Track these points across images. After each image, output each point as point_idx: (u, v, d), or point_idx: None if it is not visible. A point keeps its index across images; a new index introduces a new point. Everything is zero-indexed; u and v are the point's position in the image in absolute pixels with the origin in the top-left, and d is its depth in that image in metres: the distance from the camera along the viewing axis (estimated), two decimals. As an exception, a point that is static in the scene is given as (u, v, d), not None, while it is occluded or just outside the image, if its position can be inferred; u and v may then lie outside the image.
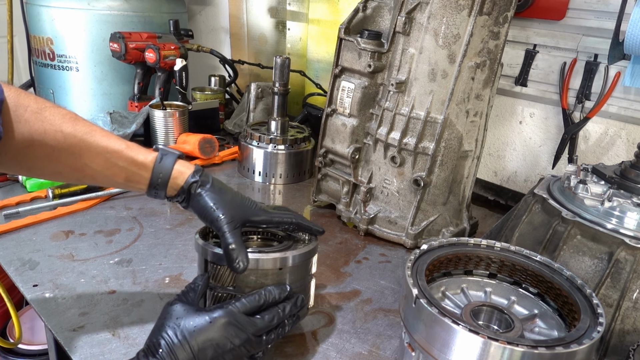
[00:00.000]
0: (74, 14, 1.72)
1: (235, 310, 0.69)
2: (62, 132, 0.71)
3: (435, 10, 1.03)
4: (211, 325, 0.67)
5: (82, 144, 0.73)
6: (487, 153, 1.53)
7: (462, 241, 0.83)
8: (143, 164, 0.76)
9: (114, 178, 0.77)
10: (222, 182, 0.80)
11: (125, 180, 0.77)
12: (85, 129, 0.73)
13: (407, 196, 1.18)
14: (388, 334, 0.90)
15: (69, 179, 0.78)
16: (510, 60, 1.38)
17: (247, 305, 0.71)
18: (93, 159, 0.74)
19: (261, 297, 0.73)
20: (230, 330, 0.68)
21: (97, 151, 0.74)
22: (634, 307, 0.77)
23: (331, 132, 1.26)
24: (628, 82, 1.18)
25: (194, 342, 0.66)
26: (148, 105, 1.65)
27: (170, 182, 0.77)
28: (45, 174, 0.76)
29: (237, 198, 0.79)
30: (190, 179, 0.77)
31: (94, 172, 0.75)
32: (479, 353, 0.61)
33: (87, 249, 1.09)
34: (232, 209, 0.76)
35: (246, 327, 0.69)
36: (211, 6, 2.36)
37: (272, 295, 0.74)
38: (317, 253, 0.86)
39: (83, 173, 0.75)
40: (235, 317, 0.69)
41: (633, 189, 0.87)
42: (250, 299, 0.72)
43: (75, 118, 0.74)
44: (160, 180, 0.77)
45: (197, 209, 0.78)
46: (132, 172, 0.76)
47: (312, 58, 2.03)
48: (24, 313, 1.74)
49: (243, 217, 0.77)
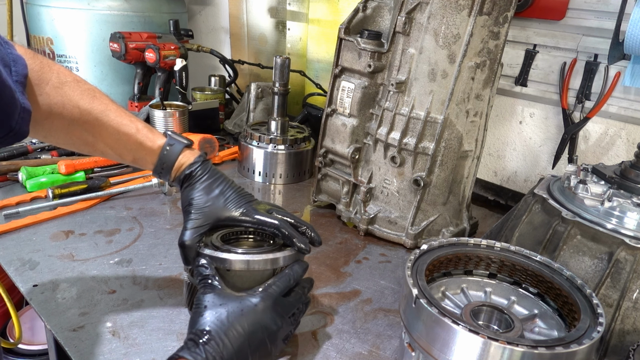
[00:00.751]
0: (74, 14, 1.73)
1: (275, 294, 0.71)
2: (78, 108, 0.74)
3: (435, 10, 1.03)
4: (257, 308, 0.69)
5: (96, 122, 0.77)
6: (487, 153, 1.53)
7: (462, 241, 0.83)
8: (151, 150, 0.81)
9: (123, 157, 0.82)
10: (218, 176, 0.82)
11: (133, 161, 0.83)
12: (101, 107, 0.77)
13: (407, 196, 1.18)
14: (388, 334, 0.90)
15: (81, 150, 0.82)
16: (510, 60, 1.38)
17: (282, 288, 0.73)
18: (104, 138, 0.78)
19: (291, 278, 0.75)
20: (275, 313, 0.70)
21: (109, 131, 0.78)
22: (634, 307, 0.77)
23: (331, 132, 1.26)
24: (628, 82, 1.18)
25: (245, 325, 0.67)
26: (148, 105, 1.65)
27: (173, 170, 0.81)
28: (60, 143, 0.81)
29: (223, 196, 0.80)
30: (187, 171, 0.80)
31: (104, 149, 0.80)
32: (479, 353, 0.61)
33: (87, 249, 1.09)
34: (209, 206, 0.78)
35: (286, 309, 0.72)
36: (211, 6, 2.36)
37: (298, 274, 0.76)
38: (317, 254, 0.85)
39: (94, 148, 0.80)
40: (277, 300, 0.71)
41: (633, 189, 0.87)
42: (284, 281, 0.74)
43: (94, 95, 0.77)
44: (163, 168, 0.81)
45: (182, 199, 0.81)
46: (140, 156, 0.81)
47: (312, 58, 2.03)
48: (24, 313, 1.74)
49: (218, 215, 0.79)
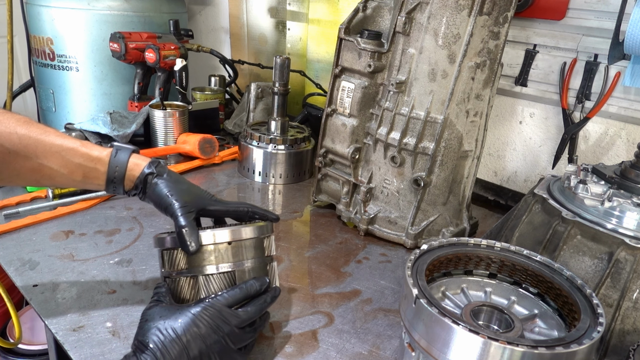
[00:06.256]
0: (74, 14, 1.72)
1: (216, 304, 0.71)
2: (16, 134, 0.73)
3: (435, 10, 1.03)
4: (195, 318, 0.69)
5: (37, 144, 0.74)
6: (487, 153, 1.53)
7: (462, 241, 0.83)
8: (99, 159, 0.78)
9: (72, 176, 0.78)
10: (178, 174, 0.83)
11: (83, 178, 0.79)
12: (39, 130, 0.75)
13: (407, 196, 1.18)
14: (388, 334, 0.90)
15: (28, 181, 0.79)
16: (510, 60, 1.38)
17: (229, 299, 0.73)
18: (49, 158, 0.75)
19: (242, 291, 0.74)
20: (212, 323, 0.69)
21: (52, 150, 0.75)
22: (634, 307, 0.77)
23: (331, 132, 1.26)
24: (628, 82, 1.18)
25: (182, 336, 0.67)
26: (148, 105, 1.65)
27: (127, 174, 0.79)
28: (4, 178, 0.76)
29: (193, 188, 0.82)
30: (147, 170, 0.79)
31: (51, 172, 0.76)
32: (479, 353, 0.61)
33: (87, 249, 1.09)
34: (187, 196, 0.79)
35: (229, 320, 0.71)
36: (211, 6, 2.36)
37: (253, 287, 0.76)
38: (317, 254, 0.85)
39: (41, 174, 0.76)
40: (217, 310, 0.71)
41: (633, 189, 0.87)
42: (232, 293, 0.73)
43: (29, 121, 0.76)
44: (117, 173, 0.78)
45: (153, 197, 0.80)
46: (89, 168, 0.78)
47: (312, 58, 2.03)
48: (24, 313, 1.74)
49: (198, 205, 0.80)
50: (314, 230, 1.27)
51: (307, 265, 1.11)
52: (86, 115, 1.81)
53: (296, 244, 1.19)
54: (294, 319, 0.92)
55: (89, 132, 1.56)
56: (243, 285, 0.75)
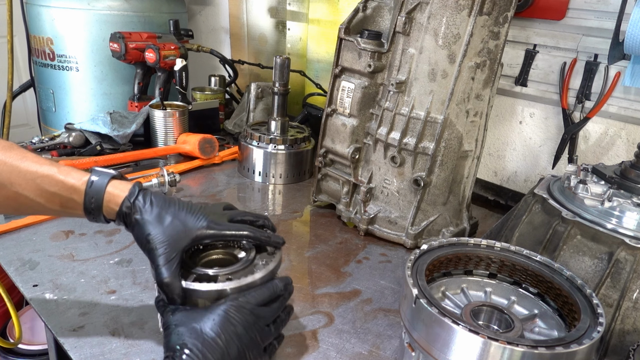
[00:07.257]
0: (74, 14, 1.73)
1: (247, 304, 0.71)
2: None
3: (435, 10, 1.03)
4: (229, 317, 0.68)
5: (13, 170, 0.70)
6: (487, 153, 1.53)
7: (462, 241, 0.83)
8: (74, 188, 0.72)
9: (49, 205, 0.73)
10: (162, 200, 0.74)
11: (61, 207, 0.74)
12: (17, 157, 0.71)
13: (407, 196, 1.18)
14: (388, 334, 0.90)
15: (7, 210, 0.75)
16: (510, 60, 1.38)
17: (258, 298, 0.72)
18: (24, 187, 0.71)
19: (269, 290, 0.74)
20: (246, 321, 0.69)
21: (27, 177, 0.71)
22: (634, 307, 0.77)
23: (331, 132, 1.26)
24: (628, 82, 1.18)
25: (220, 334, 0.66)
26: (148, 105, 1.66)
27: (104, 205, 0.73)
28: None
29: (179, 219, 0.73)
30: (124, 208, 0.72)
31: (27, 201, 0.72)
32: (479, 353, 0.61)
33: (87, 249, 1.09)
34: (170, 236, 0.71)
35: (261, 317, 0.71)
36: (211, 6, 2.36)
37: (278, 287, 0.75)
38: (317, 254, 0.85)
39: (18, 202, 0.72)
40: (249, 310, 0.70)
41: (633, 189, 0.87)
42: (260, 292, 0.73)
43: (10, 147, 0.72)
44: (93, 205, 0.73)
45: (135, 238, 0.74)
46: (65, 197, 0.72)
47: (312, 58, 2.03)
48: (24, 313, 1.74)
49: (182, 244, 0.72)
50: (314, 230, 1.28)
51: (307, 265, 1.11)
52: (86, 115, 1.82)
53: (296, 244, 1.19)
54: (294, 319, 0.92)
55: (89, 132, 1.57)
56: (270, 285, 0.75)
